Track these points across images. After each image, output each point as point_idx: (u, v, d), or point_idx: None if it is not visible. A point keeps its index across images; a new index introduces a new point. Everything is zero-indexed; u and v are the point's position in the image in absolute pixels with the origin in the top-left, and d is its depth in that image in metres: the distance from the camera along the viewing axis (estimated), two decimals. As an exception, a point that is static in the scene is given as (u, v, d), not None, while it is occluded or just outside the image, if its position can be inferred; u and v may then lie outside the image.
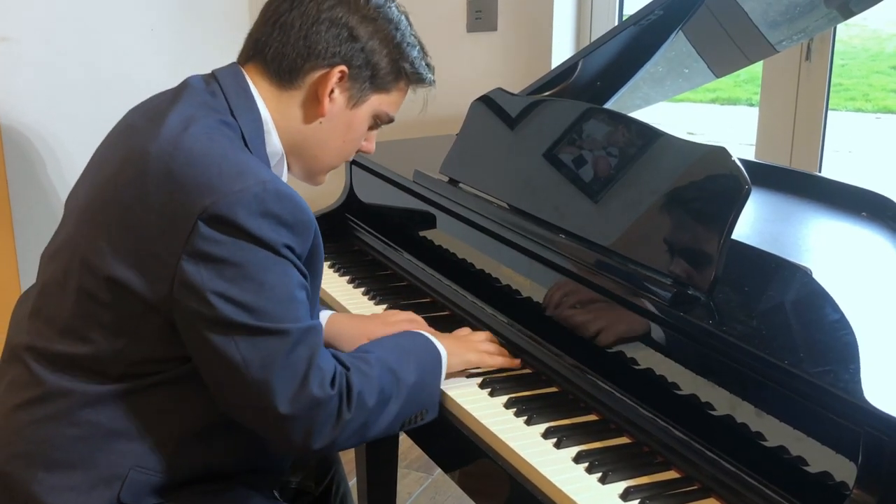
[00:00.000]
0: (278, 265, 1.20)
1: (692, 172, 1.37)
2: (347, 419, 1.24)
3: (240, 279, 1.18)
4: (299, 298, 1.23)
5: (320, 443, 1.24)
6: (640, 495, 1.17)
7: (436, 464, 1.60)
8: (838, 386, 1.06)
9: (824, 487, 1.07)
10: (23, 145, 2.67)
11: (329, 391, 1.22)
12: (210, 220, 1.17)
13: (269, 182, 1.20)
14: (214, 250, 1.17)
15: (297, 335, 1.21)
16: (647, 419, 1.29)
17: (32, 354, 1.29)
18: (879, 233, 1.66)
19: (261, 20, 1.37)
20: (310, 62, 1.33)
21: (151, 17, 2.76)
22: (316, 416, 1.22)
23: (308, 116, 1.37)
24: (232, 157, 1.23)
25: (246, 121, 1.31)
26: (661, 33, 1.92)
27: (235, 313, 1.18)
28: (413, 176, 1.91)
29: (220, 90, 1.33)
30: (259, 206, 1.18)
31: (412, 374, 1.34)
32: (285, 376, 1.20)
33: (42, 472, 1.24)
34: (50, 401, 1.26)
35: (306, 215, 1.24)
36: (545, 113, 1.70)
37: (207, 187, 1.18)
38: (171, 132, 1.24)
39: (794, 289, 1.34)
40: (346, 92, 1.36)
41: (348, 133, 1.40)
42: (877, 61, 5.43)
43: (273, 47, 1.34)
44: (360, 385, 1.26)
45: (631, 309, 1.35)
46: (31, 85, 2.65)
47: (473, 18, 2.79)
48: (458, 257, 1.80)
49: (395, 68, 1.39)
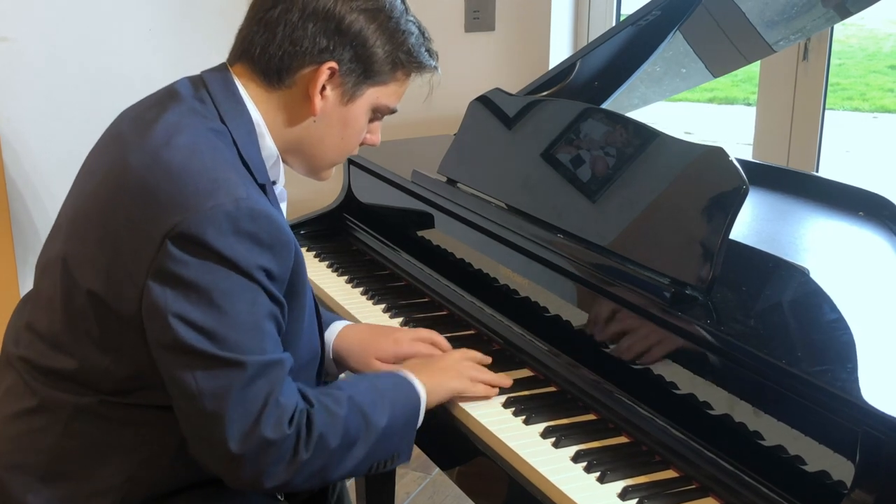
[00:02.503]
0: (248, 292, 1.14)
1: (690, 172, 1.37)
2: (304, 460, 1.17)
3: (204, 304, 1.12)
4: (265, 329, 1.16)
5: (271, 483, 1.17)
6: (638, 494, 1.17)
7: (434, 463, 1.60)
8: (836, 385, 1.06)
9: (822, 486, 1.07)
10: (21, 146, 2.67)
11: (285, 430, 1.15)
12: (178, 238, 1.12)
13: (244, 199, 1.14)
14: (181, 271, 1.12)
15: (256, 368, 1.14)
16: (645, 419, 1.29)
17: (26, 366, 1.27)
18: (877, 232, 1.66)
19: (248, 17, 1.31)
20: (297, 60, 1.27)
21: (150, 18, 2.76)
22: (267, 457, 1.15)
23: (300, 116, 1.31)
24: (210, 174, 1.17)
25: (236, 126, 1.26)
26: (658, 33, 1.92)
27: (195, 339, 1.12)
28: (411, 176, 1.91)
29: (208, 96, 1.27)
30: (231, 224, 1.13)
31: (384, 417, 1.26)
32: (238, 412, 1.13)
33: (37, 483, 1.23)
34: (44, 412, 1.24)
35: (284, 234, 1.18)
36: (543, 113, 1.70)
37: (178, 204, 1.13)
38: (153, 143, 1.20)
39: (791, 288, 1.34)
40: (339, 88, 1.29)
41: (345, 130, 1.34)
42: (874, 61, 5.43)
43: (260, 46, 1.27)
44: (322, 426, 1.19)
45: (629, 309, 1.36)
46: (30, 85, 2.64)
47: (471, 18, 2.79)
48: (457, 257, 1.80)
49: (391, 59, 1.31)
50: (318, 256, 2.02)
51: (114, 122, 1.36)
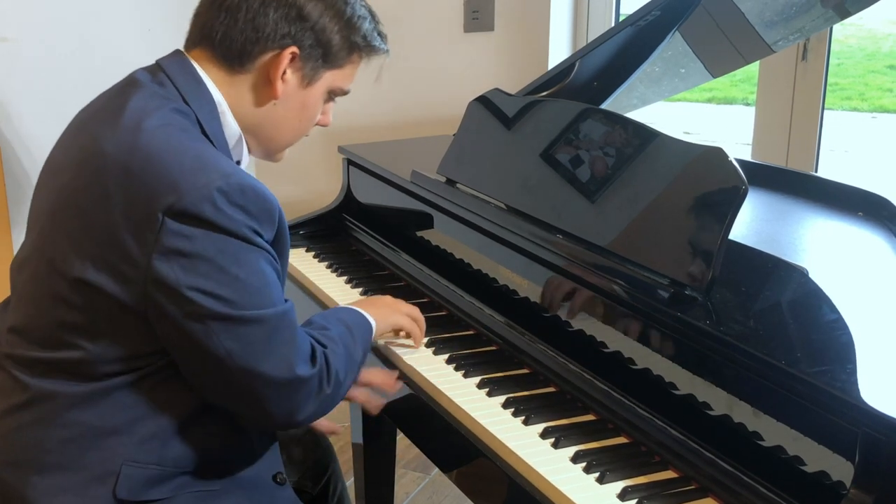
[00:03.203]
0: (250, 253, 1.21)
1: (689, 173, 1.37)
2: (327, 394, 1.30)
3: (214, 272, 1.18)
4: (272, 283, 1.24)
5: (302, 417, 1.29)
6: (637, 495, 1.17)
7: (434, 464, 1.60)
8: (835, 385, 1.06)
9: (821, 487, 1.07)
10: (20, 146, 2.66)
11: (311, 369, 1.27)
12: (177, 216, 1.17)
13: (232, 175, 1.20)
14: (185, 246, 1.17)
15: (276, 320, 1.23)
16: (644, 419, 1.29)
17: (12, 362, 1.28)
18: (876, 232, 1.66)
19: (206, 2, 1.35)
20: (259, 45, 1.31)
21: (148, 18, 2.76)
22: (300, 393, 1.26)
23: (261, 99, 1.35)
24: (191, 151, 1.22)
25: (199, 106, 1.30)
26: (657, 33, 1.92)
27: (215, 306, 1.19)
28: (410, 176, 1.91)
29: (167, 79, 1.31)
30: (224, 199, 1.18)
31: (360, 351, 1.41)
32: (270, 361, 1.22)
33: (35, 476, 1.24)
34: (35, 405, 1.25)
35: (269, 203, 1.25)
36: (542, 113, 1.70)
37: (170, 184, 1.18)
38: (125, 131, 1.23)
39: (790, 289, 1.34)
40: (299, 72, 1.35)
41: (303, 112, 1.39)
42: (873, 61, 5.43)
43: (220, 32, 1.32)
44: (335, 362, 1.31)
45: (629, 309, 1.36)
46: (29, 85, 2.64)
47: (470, 19, 2.79)
48: (456, 257, 1.80)
49: (348, 44, 1.37)
50: (318, 257, 2.02)
51: (72, 122, 1.39)
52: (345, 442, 2.76)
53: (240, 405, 1.28)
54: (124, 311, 1.21)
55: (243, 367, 1.21)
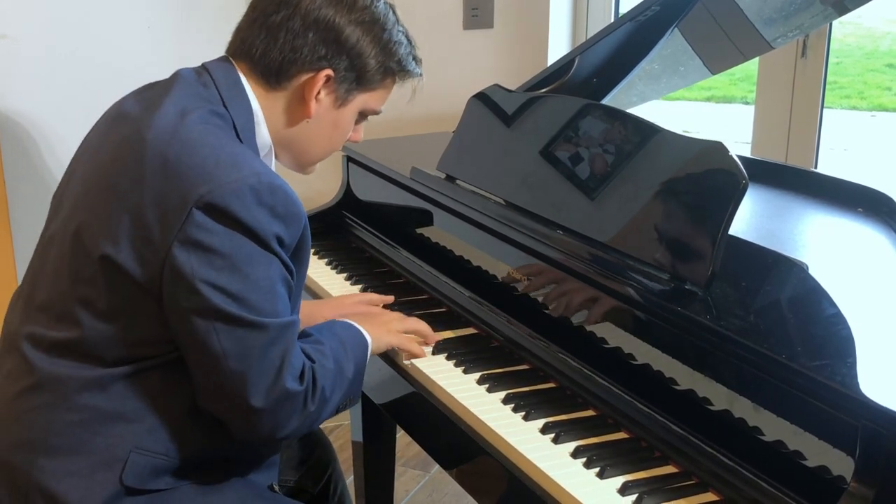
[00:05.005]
0: (265, 258, 1.23)
1: (689, 168, 1.37)
2: (311, 411, 1.30)
3: (228, 269, 1.20)
4: (280, 294, 1.25)
5: (284, 433, 1.29)
6: (638, 490, 1.17)
7: (434, 460, 1.60)
8: (835, 380, 1.06)
9: (822, 481, 1.07)
10: (20, 142, 2.67)
11: (299, 385, 1.27)
12: (205, 208, 1.19)
13: (264, 174, 1.23)
14: (206, 239, 1.19)
15: (276, 330, 1.24)
16: (644, 414, 1.29)
17: (28, 342, 1.29)
18: (875, 228, 1.66)
19: (249, 18, 1.38)
20: (296, 66, 1.34)
21: (149, 14, 2.75)
22: (284, 410, 1.26)
23: (295, 116, 1.38)
24: (227, 148, 1.25)
25: (237, 112, 1.33)
26: (657, 30, 1.92)
27: (222, 302, 1.20)
28: (410, 173, 1.91)
29: (211, 81, 1.34)
30: (254, 197, 1.20)
31: (350, 366, 1.39)
32: (261, 370, 1.23)
33: (43, 458, 1.25)
34: (45, 388, 1.26)
35: (297, 207, 1.26)
36: (542, 109, 1.70)
37: (203, 176, 1.20)
38: (167, 121, 1.26)
39: (790, 284, 1.34)
40: (333, 94, 1.37)
41: (335, 131, 1.42)
42: (872, 59, 5.43)
43: (260, 49, 1.34)
44: (322, 379, 1.31)
45: (628, 304, 1.36)
46: (29, 82, 2.64)
47: (470, 16, 2.79)
48: (456, 254, 1.80)
49: (383, 68, 1.40)
50: (318, 254, 2.02)
51: (113, 107, 1.41)
52: (345, 440, 2.77)
53: (226, 412, 1.28)
54: (142, 293, 1.23)
55: (235, 370, 1.22)
